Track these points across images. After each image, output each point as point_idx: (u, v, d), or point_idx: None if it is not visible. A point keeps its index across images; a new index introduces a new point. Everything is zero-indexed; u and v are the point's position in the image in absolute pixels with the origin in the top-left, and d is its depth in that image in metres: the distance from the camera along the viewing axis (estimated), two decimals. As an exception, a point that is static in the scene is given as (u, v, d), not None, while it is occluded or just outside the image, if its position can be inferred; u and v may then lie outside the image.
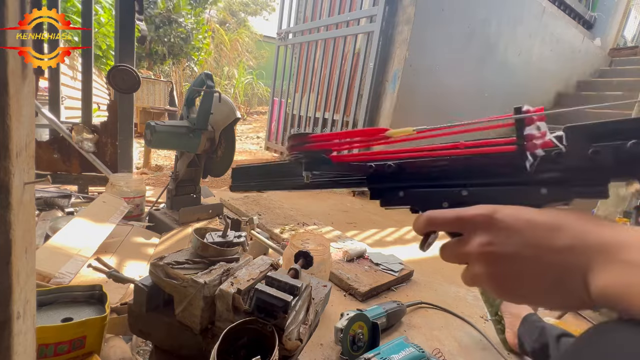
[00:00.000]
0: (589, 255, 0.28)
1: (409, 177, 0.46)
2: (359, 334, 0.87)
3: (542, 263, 0.30)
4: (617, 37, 4.96)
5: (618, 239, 0.28)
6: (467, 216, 0.34)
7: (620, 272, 0.26)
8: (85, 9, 1.70)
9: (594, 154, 0.34)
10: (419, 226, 0.39)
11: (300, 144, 0.49)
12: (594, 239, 0.29)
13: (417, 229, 0.39)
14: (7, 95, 0.30)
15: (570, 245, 0.29)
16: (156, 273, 0.62)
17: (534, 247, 0.30)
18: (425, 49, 2.54)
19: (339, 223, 1.99)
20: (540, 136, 0.35)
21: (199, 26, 6.36)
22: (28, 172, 0.35)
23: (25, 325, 0.37)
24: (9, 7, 0.30)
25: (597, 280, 0.27)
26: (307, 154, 0.49)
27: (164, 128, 1.31)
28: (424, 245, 0.41)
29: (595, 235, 0.29)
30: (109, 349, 0.71)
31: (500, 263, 0.32)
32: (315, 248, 1.08)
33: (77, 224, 1.09)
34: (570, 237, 0.29)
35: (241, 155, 4.48)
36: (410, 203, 0.46)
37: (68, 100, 2.94)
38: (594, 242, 0.29)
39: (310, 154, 0.49)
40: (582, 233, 0.29)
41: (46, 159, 1.69)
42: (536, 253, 0.30)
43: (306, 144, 0.49)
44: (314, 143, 0.49)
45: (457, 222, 0.35)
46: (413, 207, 0.45)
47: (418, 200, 0.45)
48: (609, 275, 0.27)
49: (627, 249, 0.27)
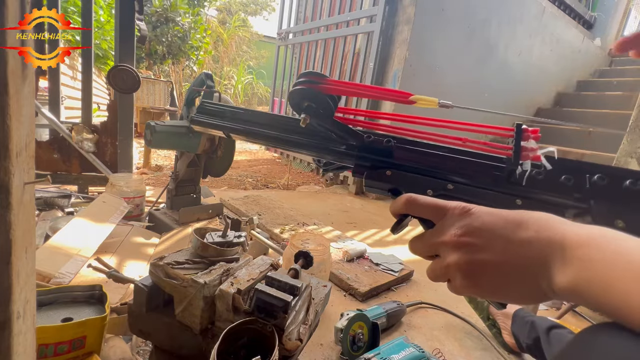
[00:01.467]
0: (549, 250, 0.30)
1: (401, 158, 0.46)
2: (359, 334, 0.87)
3: (507, 255, 0.32)
4: (617, 37, 4.96)
5: (576, 235, 0.29)
6: (447, 206, 0.37)
7: (578, 269, 0.27)
8: (85, 9, 1.70)
9: (566, 179, 0.40)
10: (398, 205, 0.40)
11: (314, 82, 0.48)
12: (553, 235, 0.30)
13: (394, 208, 0.41)
14: (7, 95, 0.30)
15: (532, 238, 0.31)
16: (156, 273, 0.62)
17: (502, 239, 0.32)
18: (425, 49, 2.54)
19: (339, 223, 1.99)
20: (533, 150, 0.41)
21: (196, 25, 6.35)
22: (28, 172, 0.35)
23: (25, 325, 0.37)
24: (9, 7, 0.30)
25: (558, 276, 0.29)
26: (315, 96, 0.47)
27: (163, 128, 1.31)
28: (396, 228, 0.42)
29: (556, 231, 0.30)
30: (109, 349, 0.71)
31: (471, 253, 0.33)
32: (315, 248, 1.08)
33: (77, 224, 1.09)
34: (532, 231, 0.31)
35: (241, 155, 4.48)
36: (394, 183, 0.46)
37: (68, 100, 2.94)
38: (554, 237, 0.30)
39: (317, 97, 0.47)
40: (543, 228, 0.31)
41: (46, 159, 1.69)
42: (503, 245, 0.32)
43: (319, 84, 0.47)
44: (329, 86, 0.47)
45: (436, 209, 0.37)
46: (394, 189, 0.46)
47: (403, 183, 0.46)
48: (568, 271, 0.28)
49: (584, 245, 0.28)
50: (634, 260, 0.25)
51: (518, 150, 0.41)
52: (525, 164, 0.41)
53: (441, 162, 0.45)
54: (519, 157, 0.41)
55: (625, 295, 0.24)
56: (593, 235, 0.28)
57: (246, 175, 3.23)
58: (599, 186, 0.38)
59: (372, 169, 0.47)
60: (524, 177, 0.41)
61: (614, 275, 0.25)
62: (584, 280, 0.27)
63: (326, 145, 0.52)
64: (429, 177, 0.45)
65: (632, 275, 0.24)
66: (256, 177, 3.20)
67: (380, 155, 0.47)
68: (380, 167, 0.47)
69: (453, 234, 0.35)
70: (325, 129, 0.50)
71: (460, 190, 0.44)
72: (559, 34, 3.64)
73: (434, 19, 2.50)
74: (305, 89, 0.48)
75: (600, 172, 0.39)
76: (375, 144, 0.47)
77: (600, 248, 0.27)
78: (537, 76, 3.59)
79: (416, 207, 0.39)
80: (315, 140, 0.53)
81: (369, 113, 0.56)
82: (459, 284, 0.35)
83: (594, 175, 0.39)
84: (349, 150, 0.51)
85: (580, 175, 0.40)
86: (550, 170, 0.41)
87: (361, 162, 0.48)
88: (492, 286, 0.33)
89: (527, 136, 0.41)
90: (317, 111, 0.49)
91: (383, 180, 0.46)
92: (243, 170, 3.52)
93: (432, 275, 0.37)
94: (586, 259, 0.27)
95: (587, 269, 0.27)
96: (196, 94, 1.42)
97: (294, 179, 3.26)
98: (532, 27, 3.29)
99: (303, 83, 0.48)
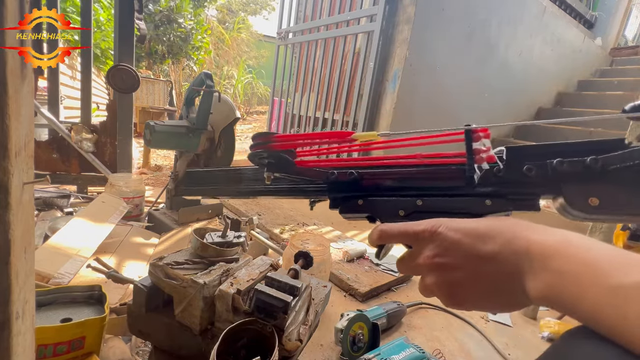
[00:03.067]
0: (517, 261, 0.30)
1: (368, 186, 0.48)
2: (359, 335, 0.87)
3: (478, 270, 0.32)
4: (618, 36, 4.96)
5: (544, 245, 0.29)
6: (414, 232, 0.37)
7: (549, 280, 0.28)
8: (85, 9, 1.70)
9: (527, 170, 0.39)
10: (373, 238, 0.41)
11: (265, 142, 0.50)
12: (519, 246, 0.30)
13: (371, 241, 0.42)
14: (6, 95, 0.30)
15: (498, 251, 0.31)
16: (155, 273, 0.62)
17: (472, 257, 0.33)
18: (426, 49, 2.53)
19: (339, 223, 1.99)
20: (486, 150, 0.40)
21: (198, 26, 6.35)
22: (27, 172, 0.35)
23: (24, 326, 0.37)
24: (8, 7, 0.30)
25: (530, 286, 0.29)
26: (271, 153, 0.49)
27: (163, 128, 1.31)
28: (378, 255, 0.45)
29: (522, 242, 0.30)
30: (108, 350, 0.71)
31: (446, 273, 0.34)
32: (315, 248, 1.08)
33: (76, 224, 1.09)
34: (498, 244, 0.31)
35: (241, 155, 4.47)
36: (368, 211, 0.47)
37: (67, 100, 2.94)
38: (521, 248, 0.30)
39: (274, 154, 0.49)
40: (510, 240, 0.31)
41: (45, 159, 1.69)
42: (474, 262, 0.33)
43: (270, 144, 0.49)
44: (278, 143, 0.49)
45: (405, 236, 0.38)
46: (371, 216, 0.47)
47: (375, 209, 0.47)
48: (540, 282, 0.28)
49: (553, 256, 0.28)
50: (600, 270, 0.26)
51: (470, 154, 0.40)
52: (483, 165, 0.40)
53: (404, 179, 0.46)
54: (473, 161, 0.40)
55: (595, 306, 0.25)
56: (558, 244, 0.29)
57: (246, 175, 3.22)
58: (561, 170, 0.37)
59: (344, 201, 0.49)
60: (486, 178, 0.41)
61: (583, 286, 0.26)
62: (554, 290, 0.27)
63: (298, 188, 0.55)
64: (397, 197, 0.46)
65: (599, 286, 0.25)
66: (256, 177, 3.19)
67: (348, 188, 0.49)
68: (351, 198, 0.48)
69: (426, 256, 0.35)
70: (290, 178, 0.53)
71: (430, 204, 0.44)
72: (560, 33, 3.64)
73: (434, 18, 2.50)
74: (260, 151, 0.51)
75: (559, 153, 0.38)
76: (340, 177, 0.49)
77: (568, 259, 0.27)
78: (537, 76, 3.58)
79: (389, 237, 0.40)
80: (288, 186, 0.57)
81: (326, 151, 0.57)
82: (444, 302, 0.36)
83: (554, 160, 0.38)
84: (319, 188, 0.53)
85: (540, 161, 0.39)
86: (510, 164, 0.40)
87: (333, 197, 0.50)
88: (473, 300, 0.34)
89: (478, 137, 0.40)
90: (277, 165, 0.51)
91: (357, 211, 0.48)
92: (243, 170, 3.51)
93: (421, 293, 0.38)
94: (555, 271, 0.27)
95: (557, 281, 0.27)
96: (196, 93, 1.41)
97: (294, 178, 3.26)
98: (533, 26, 3.28)
99: (256, 146, 0.51)
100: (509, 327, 1.13)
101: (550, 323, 1.09)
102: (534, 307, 1.20)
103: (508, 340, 1.06)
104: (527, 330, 1.12)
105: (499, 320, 1.15)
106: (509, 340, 1.06)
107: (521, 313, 1.21)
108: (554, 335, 1.06)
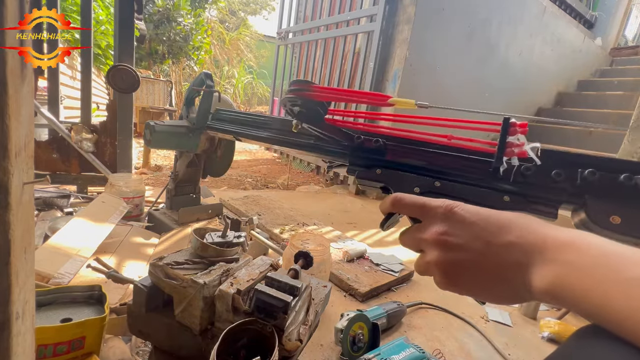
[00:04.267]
0: (530, 253, 0.30)
1: (391, 157, 0.47)
2: (359, 335, 0.87)
3: (487, 257, 0.32)
4: (618, 36, 4.96)
5: (558, 239, 0.29)
6: (431, 205, 0.37)
7: (558, 272, 0.28)
8: (85, 9, 1.70)
9: (556, 175, 0.39)
10: (386, 204, 0.41)
11: (301, 89, 0.49)
12: (535, 239, 0.30)
13: (383, 207, 0.42)
14: (6, 95, 0.30)
15: (513, 242, 0.31)
16: (155, 273, 0.62)
17: (482, 241, 0.33)
18: (426, 49, 2.53)
19: (339, 223, 1.99)
20: (519, 145, 0.39)
21: (198, 27, 6.36)
22: (27, 172, 0.35)
23: (24, 326, 0.37)
24: (8, 7, 0.30)
25: (536, 278, 0.29)
26: (305, 102, 0.49)
27: (163, 128, 1.31)
28: (384, 224, 0.44)
29: (538, 235, 0.30)
30: (108, 350, 0.71)
31: (451, 252, 0.34)
32: (315, 248, 1.08)
33: (76, 224, 1.09)
34: (514, 236, 0.32)
35: (241, 155, 4.48)
36: (384, 181, 0.47)
37: (67, 100, 2.93)
38: (535, 241, 0.30)
39: (307, 103, 0.49)
40: (525, 233, 0.31)
41: (45, 159, 1.69)
42: (482, 247, 0.33)
43: (307, 92, 0.49)
44: (315, 92, 0.49)
45: (420, 208, 0.38)
46: (385, 186, 0.47)
47: (392, 181, 0.47)
48: (548, 274, 0.28)
49: (565, 249, 0.28)
50: (614, 263, 0.25)
51: (502, 145, 0.39)
52: (512, 159, 0.39)
53: (428, 159, 0.46)
54: (502, 153, 0.39)
55: (605, 300, 0.25)
56: (573, 239, 0.29)
57: (246, 175, 3.22)
58: (591, 181, 0.37)
59: (363, 168, 0.49)
60: (511, 173, 0.40)
61: (595, 279, 0.25)
62: (563, 282, 0.27)
63: (321, 145, 0.54)
64: (416, 175, 0.46)
65: (613, 279, 0.25)
66: (256, 177, 3.19)
67: (370, 155, 0.49)
68: (371, 166, 0.48)
69: (434, 231, 0.35)
70: (317, 132, 0.52)
71: (448, 188, 0.44)
72: (560, 33, 3.64)
73: (434, 18, 2.50)
74: (295, 97, 0.50)
75: (593, 165, 0.38)
76: (365, 144, 0.49)
77: (581, 252, 0.27)
78: (537, 76, 3.59)
79: (402, 206, 0.40)
80: (311, 141, 0.55)
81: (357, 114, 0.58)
82: (438, 280, 0.36)
83: (585, 170, 0.37)
84: (341, 150, 0.53)
85: (571, 169, 0.38)
86: (540, 166, 0.40)
87: (353, 161, 0.50)
88: (469, 285, 0.34)
89: (515, 131, 0.39)
90: (307, 116, 0.51)
91: (373, 179, 0.48)
92: (243, 170, 3.52)
93: (417, 270, 0.39)
94: (567, 262, 0.27)
95: (567, 272, 0.27)
96: (196, 93, 1.41)
97: (294, 179, 3.26)
98: (533, 26, 3.28)
99: (292, 91, 0.51)
100: (509, 327, 1.13)
101: (550, 323, 1.09)
102: (534, 307, 1.20)
103: (508, 340, 1.06)
104: (527, 330, 1.12)
105: (499, 320, 1.15)
106: (509, 340, 1.06)
107: (521, 313, 1.21)
108: (554, 335, 1.06)
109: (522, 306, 1.23)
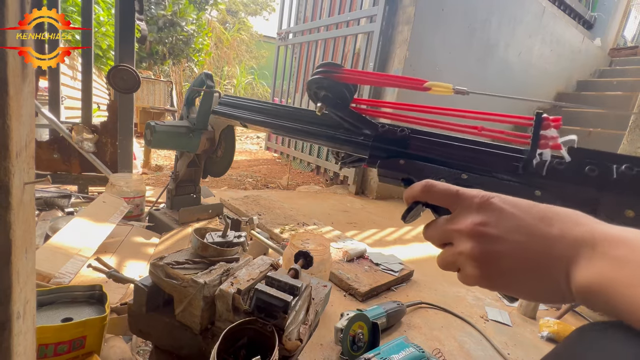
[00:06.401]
0: (577, 247, 0.28)
1: (415, 148, 0.46)
2: (359, 334, 0.87)
3: (528, 249, 0.30)
4: (617, 37, 4.96)
5: (609, 234, 0.28)
6: (466, 194, 0.35)
7: (606, 267, 0.26)
8: (85, 9, 1.70)
9: (590, 170, 0.37)
10: (415, 190, 0.39)
11: (330, 71, 0.48)
12: (582, 232, 0.29)
13: (410, 194, 0.39)
14: (7, 95, 0.30)
15: (558, 235, 0.30)
16: (156, 273, 0.62)
17: (523, 233, 0.31)
18: (426, 49, 2.54)
19: (339, 223, 1.99)
20: (552, 138, 0.38)
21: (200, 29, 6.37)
22: (28, 172, 0.35)
23: (25, 325, 0.37)
24: (9, 7, 0.30)
25: (581, 273, 0.27)
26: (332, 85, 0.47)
27: (163, 128, 1.31)
28: (406, 216, 0.41)
29: (587, 229, 0.29)
30: (108, 349, 0.71)
31: (488, 243, 0.32)
32: (315, 248, 1.08)
33: (77, 224, 1.09)
34: (559, 229, 0.30)
35: (241, 155, 4.48)
36: (408, 172, 0.46)
37: (68, 100, 2.94)
38: (583, 235, 0.29)
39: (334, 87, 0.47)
40: (572, 226, 0.30)
41: (46, 159, 1.69)
42: (524, 239, 0.31)
43: (336, 74, 0.47)
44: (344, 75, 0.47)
45: (454, 197, 0.36)
46: (408, 179, 0.45)
47: (416, 172, 0.45)
48: (594, 269, 0.27)
49: (617, 244, 0.27)
50: None
51: (536, 139, 0.38)
52: (544, 153, 0.39)
53: (455, 152, 0.44)
54: (537, 146, 0.38)
55: None
56: (624, 234, 0.27)
57: (246, 175, 3.23)
58: (628, 177, 0.35)
59: (386, 158, 0.47)
60: (543, 168, 0.39)
61: None
62: (610, 279, 0.25)
63: (340, 135, 0.52)
64: (442, 167, 0.44)
65: None
66: (256, 177, 3.20)
67: (394, 145, 0.47)
68: (394, 157, 0.46)
69: (470, 222, 0.33)
70: (340, 118, 0.50)
71: (475, 181, 0.42)
72: (559, 34, 3.64)
73: (434, 19, 2.50)
74: (322, 78, 0.48)
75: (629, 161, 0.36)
76: (389, 133, 0.47)
77: (635, 249, 0.26)
78: (537, 76, 3.59)
79: (434, 193, 0.37)
80: (329, 131, 0.54)
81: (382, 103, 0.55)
82: (469, 273, 0.33)
83: (622, 165, 0.36)
84: (363, 140, 0.51)
85: (605, 165, 0.37)
86: (573, 161, 0.39)
87: (375, 151, 0.48)
88: (504, 279, 0.32)
89: (547, 124, 0.39)
90: (333, 100, 0.49)
91: (396, 170, 0.46)
92: (243, 170, 3.52)
93: (442, 263, 0.36)
94: (617, 258, 0.26)
95: (617, 269, 0.25)
96: (196, 94, 1.41)
97: (294, 179, 3.26)
98: (532, 27, 3.29)
99: (320, 72, 0.49)
100: (508, 326, 1.13)
101: (549, 322, 1.09)
102: (534, 307, 1.20)
103: (507, 340, 1.06)
104: (527, 330, 1.13)
105: (499, 320, 1.15)
106: (509, 340, 1.06)
107: (520, 312, 1.22)
108: (553, 335, 1.06)
109: (522, 306, 1.23)
